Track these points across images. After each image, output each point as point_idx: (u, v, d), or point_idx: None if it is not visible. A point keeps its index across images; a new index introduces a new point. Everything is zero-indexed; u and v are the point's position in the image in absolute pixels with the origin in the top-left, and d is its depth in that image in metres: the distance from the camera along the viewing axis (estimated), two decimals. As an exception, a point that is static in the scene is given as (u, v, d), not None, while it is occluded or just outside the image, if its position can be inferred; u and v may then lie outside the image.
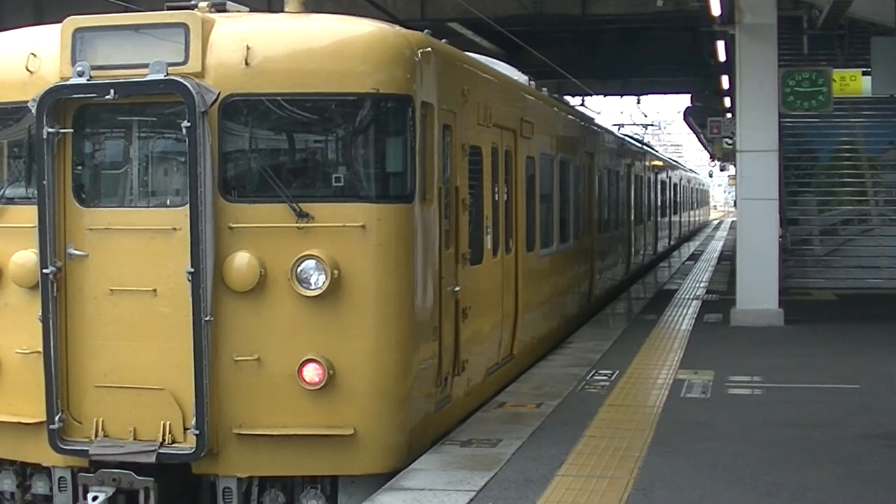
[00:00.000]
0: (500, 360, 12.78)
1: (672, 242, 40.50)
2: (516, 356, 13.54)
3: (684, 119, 53.25)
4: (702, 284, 25.71)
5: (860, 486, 8.70)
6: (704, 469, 9.16)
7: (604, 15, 27.70)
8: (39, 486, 9.78)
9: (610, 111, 77.81)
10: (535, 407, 11.60)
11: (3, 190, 9.72)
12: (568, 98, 39.32)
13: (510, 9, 25.97)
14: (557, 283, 16.68)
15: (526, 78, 16.38)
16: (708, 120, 35.23)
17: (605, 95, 44.92)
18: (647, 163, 30.76)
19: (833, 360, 15.10)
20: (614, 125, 38.79)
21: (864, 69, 20.51)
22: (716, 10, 18.25)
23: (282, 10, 11.66)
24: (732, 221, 63.87)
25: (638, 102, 52.58)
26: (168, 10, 9.56)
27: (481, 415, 11.34)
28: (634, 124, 56.37)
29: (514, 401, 11.99)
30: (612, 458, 9.43)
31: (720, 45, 23.92)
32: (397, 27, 9.91)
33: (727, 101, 35.22)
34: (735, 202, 23.79)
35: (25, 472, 9.88)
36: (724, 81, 31.08)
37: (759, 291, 18.19)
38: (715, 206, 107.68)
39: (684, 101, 51.18)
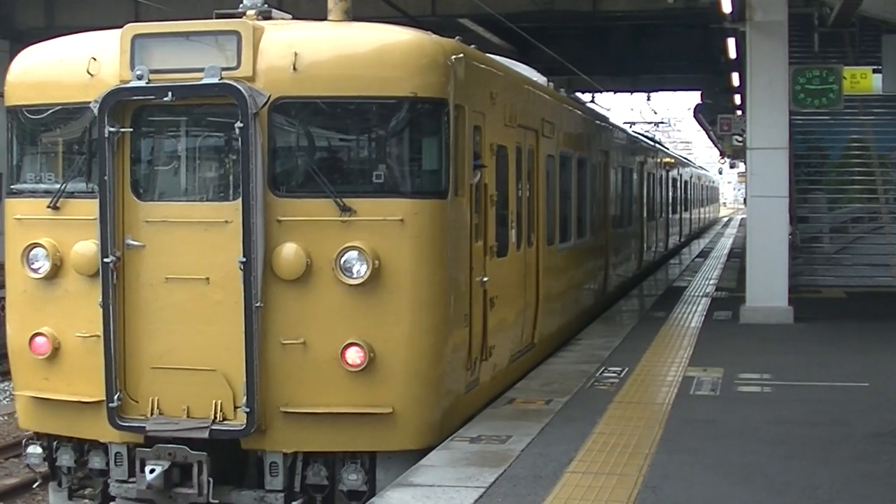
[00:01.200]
0: (522, 348, 13.33)
1: (682, 239, 40.96)
2: (536, 345, 14.07)
3: (694, 116, 53.18)
4: (711, 281, 25.69)
5: (870, 484, 8.69)
6: (713, 467, 9.16)
7: (614, 11, 27.72)
8: (96, 461, 10.41)
9: (620, 108, 77.85)
10: (545, 403, 11.60)
11: (63, 185, 10.25)
12: (578, 95, 39.33)
13: (521, 5, 25.99)
14: (574, 277, 17.33)
15: (545, 79, 16.78)
16: (718, 117, 35.24)
17: (615, 92, 44.86)
18: (658, 160, 31.23)
19: (842, 358, 15.08)
20: (626, 123, 38.81)
21: (875, 67, 20.45)
22: (727, 7, 18.23)
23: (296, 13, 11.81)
24: (742, 219, 63.74)
25: (648, 99, 52.51)
26: (217, 17, 10.25)
27: (491, 411, 11.35)
28: (646, 122, 56.97)
29: (524, 397, 11.99)
30: (622, 456, 9.43)
31: (731, 42, 23.87)
32: (433, 35, 10.46)
33: (737, 99, 35.17)
34: (745, 199, 23.87)
35: (83, 447, 10.47)
36: (735, 79, 31.06)
37: (768, 289, 18.17)
38: (724, 203, 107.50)
39: (694, 98, 51.08)
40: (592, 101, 40.15)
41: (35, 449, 10.64)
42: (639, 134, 32.56)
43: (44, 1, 28.84)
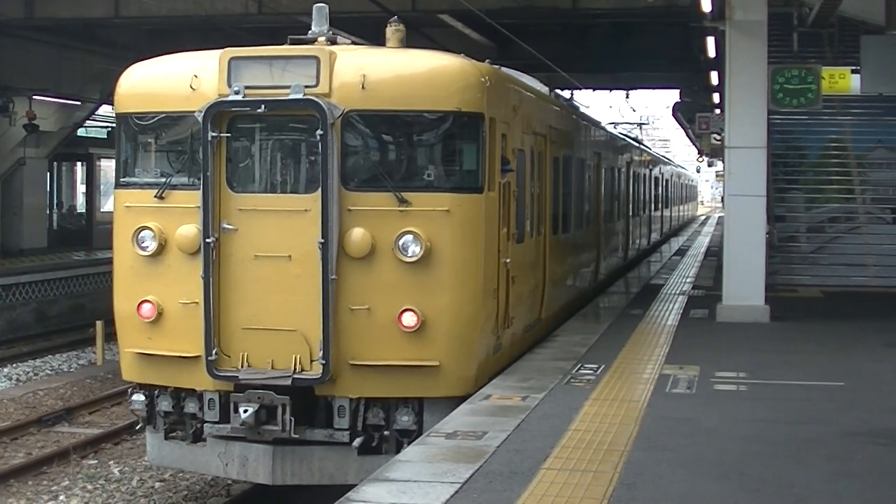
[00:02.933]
0: (532, 321, 15.35)
1: (663, 235, 42.79)
2: (543, 320, 16.10)
3: (673, 114, 53.19)
4: (688, 280, 25.72)
5: (845, 482, 8.72)
6: (689, 464, 9.17)
7: (594, 9, 27.61)
8: (190, 407, 12.46)
9: (599, 105, 77.86)
10: (521, 400, 11.60)
11: (168, 179, 12.32)
12: (558, 91, 39.18)
13: (501, 1, 25.90)
14: (573, 263, 19.54)
15: (547, 88, 19.02)
16: (697, 116, 35.29)
17: (594, 89, 44.90)
18: (643, 160, 33.35)
19: (818, 358, 15.13)
20: (611, 123, 39.18)
21: (854, 67, 20.47)
22: (706, 6, 18.25)
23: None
24: (719, 217, 64.08)
25: (627, 97, 52.62)
26: (291, 42, 12.53)
27: (467, 406, 11.35)
28: (629, 123, 58.34)
29: (500, 393, 11.98)
30: (598, 453, 9.44)
31: (710, 41, 23.88)
32: (472, 60, 12.75)
33: (716, 97, 35.21)
34: (722, 198, 24.15)
35: (180, 395, 12.51)
36: (714, 77, 31.08)
37: (745, 288, 18.20)
38: (702, 201, 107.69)
39: (673, 96, 51.19)
40: (571, 98, 40.19)
41: (139, 397, 12.73)
42: (625, 135, 34.52)
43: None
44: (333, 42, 12.55)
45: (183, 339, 12.14)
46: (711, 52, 24.95)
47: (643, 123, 73.01)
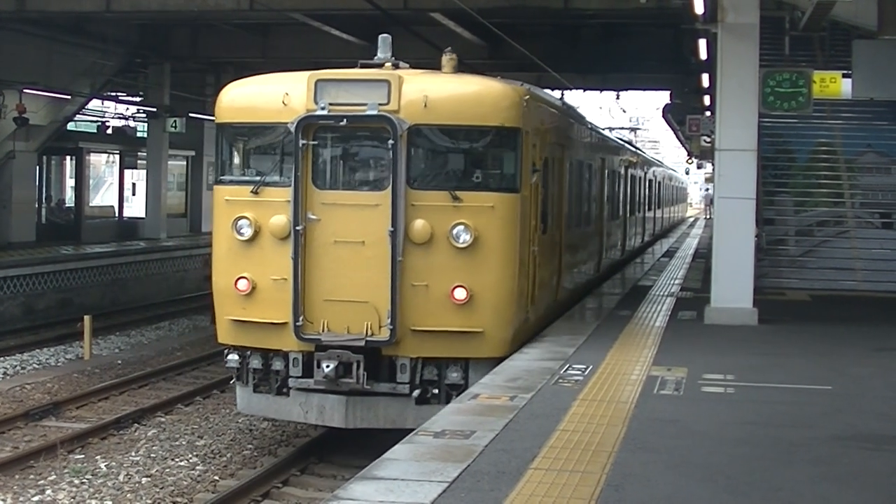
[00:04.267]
0: (550, 302, 17.86)
1: (655, 233, 44.84)
2: (558, 301, 18.63)
3: (663, 116, 53.13)
4: (676, 281, 25.73)
5: (832, 487, 8.74)
6: (677, 466, 9.18)
7: (585, 10, 27.66)
8: (277, 364, 15.07)
9: (589, 106, 77.90)
10: (509, 399, 11.61)
11: (262, 178, 14.95)
12: (548, 91, 39.16)
13: (492, 1, 25.93)
14: (581, 253, 22.00)
15: (560, 101, 21.72)
16: (687, 117, 35.30)
17: (584, 90, 44.91)
18: (638, 163, 35.45)
19: (806, 361, 15.15)
20: (607, 128, 39.50)
21: (844, 71, 20.49)
22: (699, 8, 18.22)
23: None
24: (707, 219, 64.32)
25: (617, 98, 52.60)
26: (361, 66, 15.38)
27: (455, 405, 11.36)
28: (624, 128, 63.42)
29: (488, 393, 12.00)
30: (585, 453, 9.45)
31: (702, 43, 23.88)
32: (513, 83, 15.57)
33: (706, 100, 35.17)
34: (711, 200, 24.39)
35: (268, 355, 15.11)
36: (705, 79, 31.07)
37: (733, 290, 18.22)
38: (691, 203, 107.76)
39: (663, 97, 51.20)
40: (562, 99, 40.19)
41: (233, 357, 15.35)
42: (623, 140, 37.29)
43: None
44: (397, 67, 15.25)
45: (273, 309, 14.79)
46: (703, 55, 24.95)
47: (636, 128, 78.38)
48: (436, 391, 14.69)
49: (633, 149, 37.13)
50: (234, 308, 15.11)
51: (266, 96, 15.12)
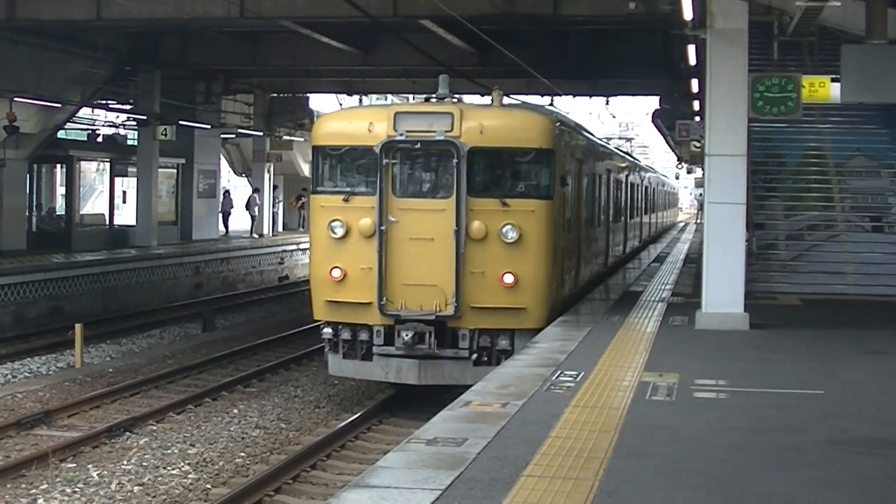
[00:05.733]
0: (573, 286, 21.68)
1: (652, 235, 48.59)
2: (578, 286, 22.42)
3: (652, 121, 53.18)
4: (667, 286, 25.73)
5: (825, 491, 8.75)
6: (670, 472, 9.18)
7: (575, 16, 27.59)
8: (362, 336, 18.92)
9: (578, 111, 77.92)
10: (501, 406, 11.61)
11: (352, 189, 18.94)
12: (537, 98, 39.40)
13: (481, 7, 25.89)
14: (594, 249, 25.53)
15: (575, 123, 26.12)
16: (677, 123, 35.34)
17: (574, 96, 44.86)
18: (637, 171, 39.21)
19: (798, 366, 15.19)
20: (605, 138, 40.09)
21: (833, 76, 20.49)
22: (688, 13, 18.22)
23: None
24: (697, 224, 64.62)
25: (607, 103, 52.47)
26: (426, 100, 20.29)
27: (447, 413, 11.35)
28: (621, 138, 72.15)
29: (480, 399, 12.00)
30: (578, 460, 9.45)
31: (691, 48, 23.90)
32: (547, 112, 21.12)
33: (696, 105, 35.20)
34: (700, 205, 24.91)
35: (356, 328, 18.98)
36: (694, 84, 31.09)
37: (724, 295, 18.24)
38: (681, 208, 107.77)
39: (652, 102, 51.11)
40: (551, 105, 40.23)
41: (328, 330, 19.18)
42: (624, 151, 41.06)
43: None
44: (459, 100, 19.57)
45: (360, 292, 18.63)
46: (692, 60, 24.96)
47: (631, 138, 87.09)
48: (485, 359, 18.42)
49: (632, 159, 41.70)
50: (329, 291, 18.92)
51: (355, 125, 19.03)
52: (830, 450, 10.15)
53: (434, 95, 19.54)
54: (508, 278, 18.21)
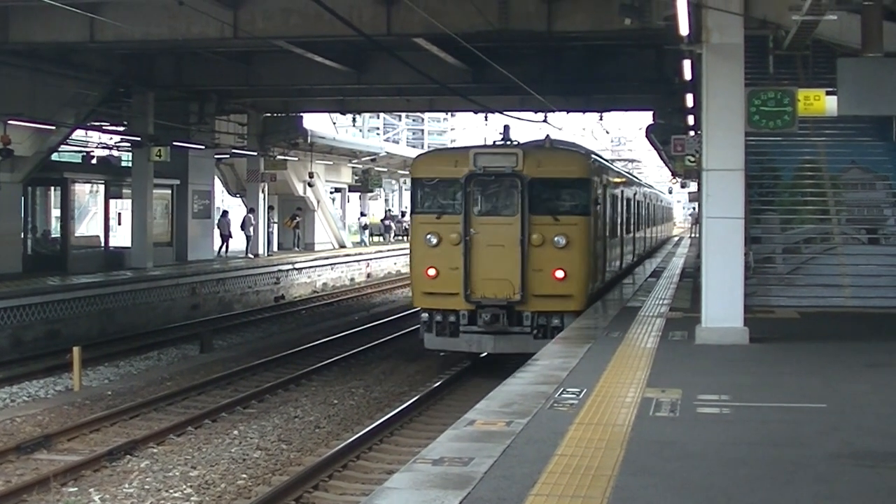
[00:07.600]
0: (601, 282, 27.03)
1: (652, 246, 52.53)
2: (604, 282, 27.89)
3: (646, 136, 53.33)
4: (665, 301, 25.71)
5: (833, 506, 8.74)
6: (677, 489, 9.17)
7: (569, 32, 27.63)
8: (451, 319, 24.39)
9: (572, 127, 77.95)
10: (506, 425, 11.58)
11: (442, 210, 24.50)
12: (530, 114, 39.48)
13: (475, 25, 25.93)
14: (614, 254, 30.59)
15: (601, 156, 33.02)
16: (672, 138, 35.31)
17: (567, 112, 44.90)
18: (640, 189, 43.32)
19: (799, 379, 15.18)
20: (608, 160, 40.93)
21: (828, 89, 20.54)
22: (683, 29, 18.26)
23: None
24: (691, 238, 65.00)
25: (600, 119, 52.61)
26: (495, 143, 26.14)
27: (452, 432, 11.33)
28: (622, 159, 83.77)
29: (484, 419, 11.98)
30: (585, 478, 9.42)
31: (686, 63, 23.96)
32: (586, 151, 28.82)
33: (690, 119, 35.25)
34: (695, 219, 26.12)
35: (446, 313, 24.46)
36: (689, 99, 31.16)
37: (724, 309, 18.24)
38: (675, 222, 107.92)
39: (646, 118, 51.24)
40: (545, 121, 40.31)
41: (425, 315, 24.65)
42: (627, 172, 44.45)
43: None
44: (522, 144, 26.43)
45: (450, 285, 24.14)
46: (688, 75, 25.03)
47: (634, 160, 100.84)
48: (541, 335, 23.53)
49: (636, 179, 47.03)
50: (425, 285, 24.49)
51: (443, 162, 25.09)
52: (836, 463, 10.15)
53: (501, 140, 25.91)
54: (559, 273, 23.75)
